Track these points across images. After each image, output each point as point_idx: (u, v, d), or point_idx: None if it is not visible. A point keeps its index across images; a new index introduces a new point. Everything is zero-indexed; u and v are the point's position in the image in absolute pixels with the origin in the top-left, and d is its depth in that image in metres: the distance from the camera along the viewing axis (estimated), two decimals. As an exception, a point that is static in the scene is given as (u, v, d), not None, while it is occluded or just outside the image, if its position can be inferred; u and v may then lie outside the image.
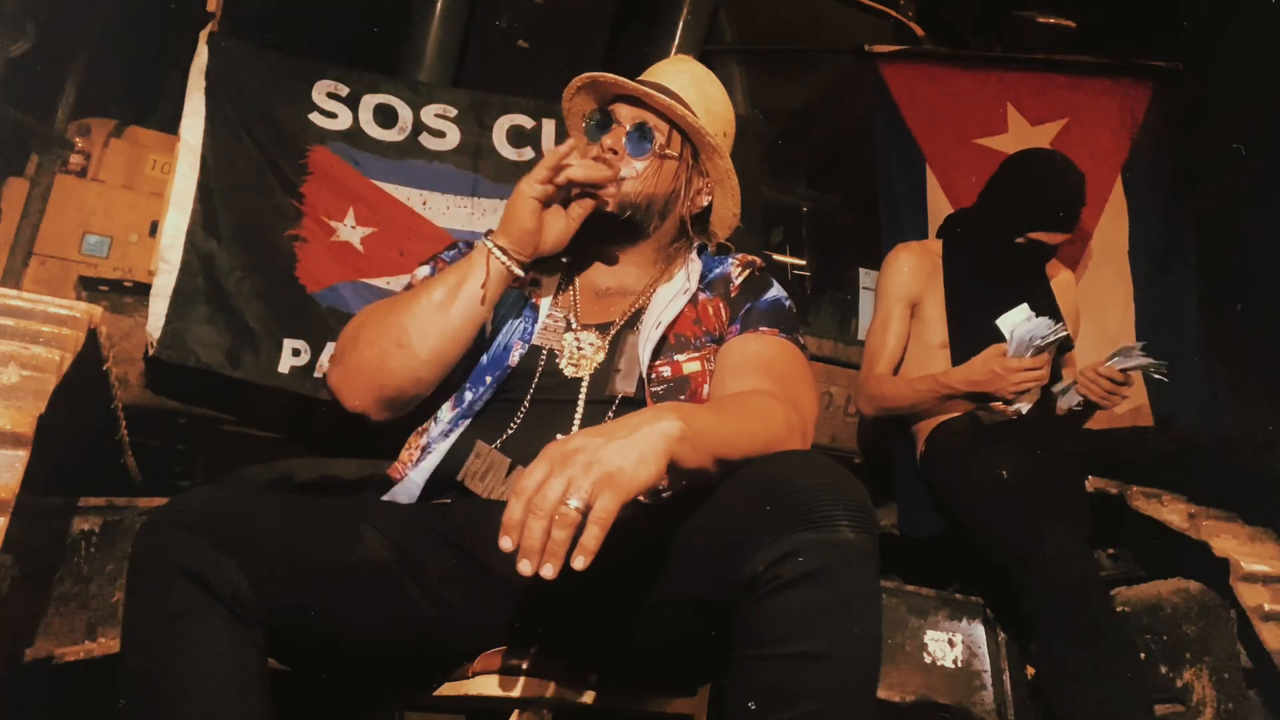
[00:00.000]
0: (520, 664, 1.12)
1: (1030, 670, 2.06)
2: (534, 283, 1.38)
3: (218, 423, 2.32)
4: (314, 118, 2.40)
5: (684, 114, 1.35)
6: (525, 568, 0.83)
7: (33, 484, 1.09)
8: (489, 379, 1.28)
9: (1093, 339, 2.65)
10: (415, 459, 1.26)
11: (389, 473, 1.29)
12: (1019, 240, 2.22)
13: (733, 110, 1.49)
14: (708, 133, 1.37)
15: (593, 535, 0.83)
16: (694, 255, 1.44)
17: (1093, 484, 2.07)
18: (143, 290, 2.17)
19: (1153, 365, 2.04)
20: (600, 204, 1.31)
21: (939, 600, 2.12)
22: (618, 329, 1.33)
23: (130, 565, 0.96)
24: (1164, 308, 2.82)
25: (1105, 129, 2.98)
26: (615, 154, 1.34)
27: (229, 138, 2.30)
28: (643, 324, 1.32)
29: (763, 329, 1.31)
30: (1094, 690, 1.71)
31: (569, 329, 1.34)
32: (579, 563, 0.83)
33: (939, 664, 2.05)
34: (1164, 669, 1.88)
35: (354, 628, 1.06)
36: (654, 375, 1.28)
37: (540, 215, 1.26)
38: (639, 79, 1.41)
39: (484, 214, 2.49)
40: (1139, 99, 3.02)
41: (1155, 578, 2.00)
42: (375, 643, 1.09)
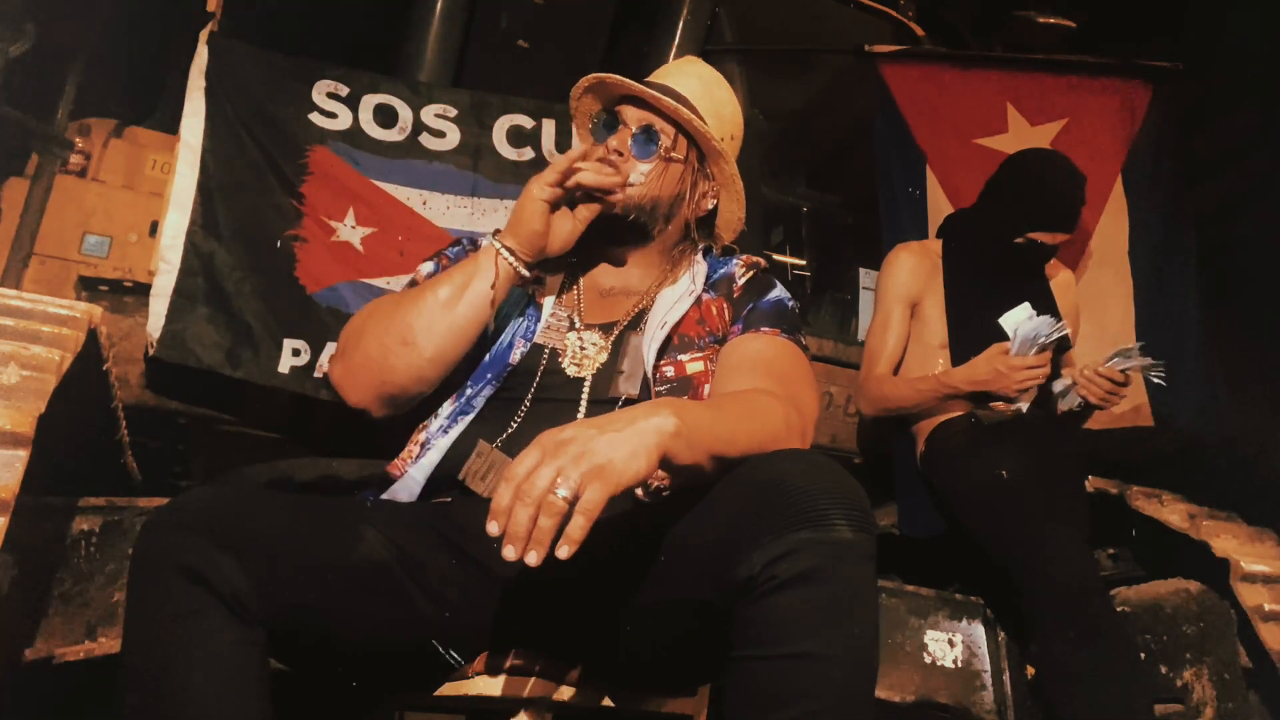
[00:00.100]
0: (520, 664, 1.12)
1: (1030, 670, 2.06)
2: (538, 281, 1.38)
3: (218, 423, 2.32)
4: (314, 118, 2.40)
5: (690, 118, 1.34)
6: (510, 553, 0.83)
7: (33, 484, 1.10)
8: (490, 376, 1.29)
9: (1093, 339, 2.65)
10: (415, 455, 1.26)
11: (389, 470, 1.29)
12: (1019, 240, 2.22)
13: (741, 113, 1.48)
14: (714, 137, 1.36)
15: (578, 525, 0.83)
16: (699, 257, 1.44)
17: (1093, 484, 2.07)
18: (143, 290, 2.17)
19: (1151, 366, 2.04)
20: (607, 208, 1.31)
21: (939, 600, 2.12)
22: (621, 329, 1.33)
23: (131, 565, 0.96)
24: (1164, 308, 2.82)
25: (1105, 129, 2.98)
26: (621, 155, 1.34)
27: (229, 138, 2.30)
28: (647, 324, 1.32)
29: (764, 329, 1.32)
30: (1094, 690, 1.71)
31: (572, 328, 1.34)
32: (563, 552, 0.83)
33: (939, 664, 2.05)
34: (1164, 669, 1.88)
35: (354, 628, 1.06)
36: (658, 375, 1.28)
37: (549, 217, 1.27)
38: (647, 80, 1.41)
39: (484, 214, 2.49)
40: (1139, 99, 3.02)
41: (1155, 578, 2.00)
42: (375, 643, 1.09)
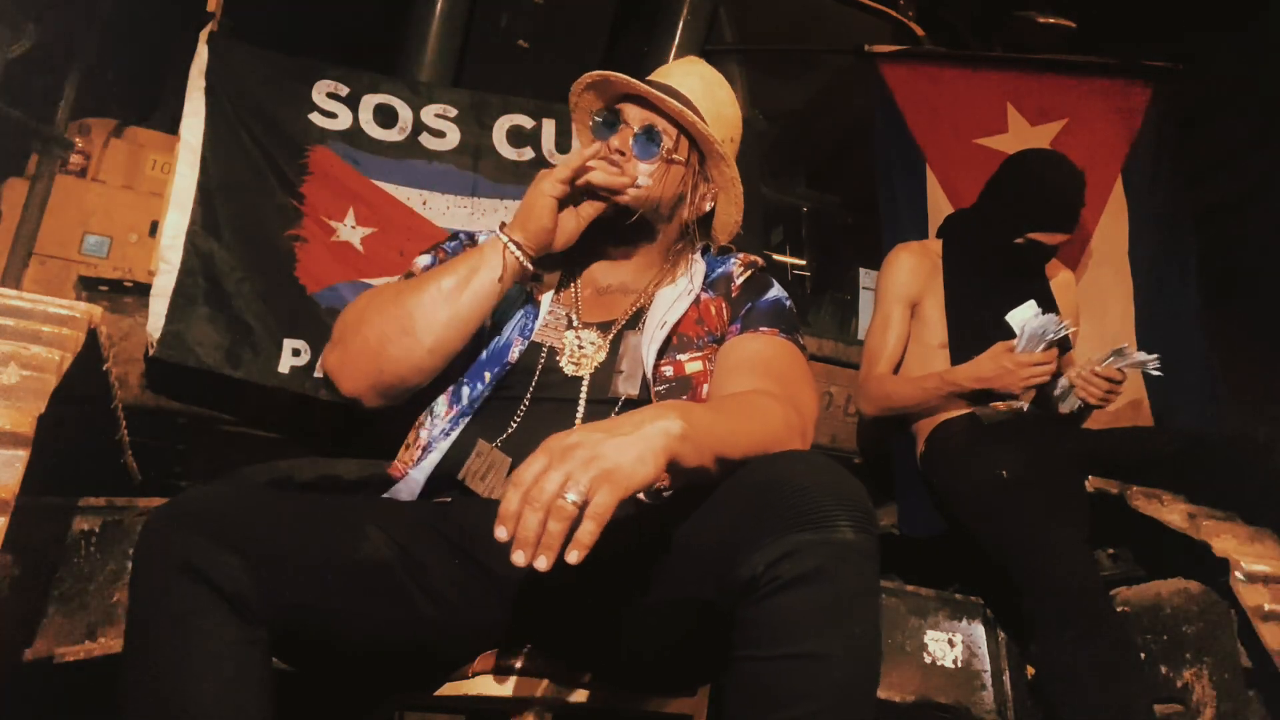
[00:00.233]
0: (520, 664, 1.12)
1: (1030, 670, 2.06)
2: (536, 278, 1.37)
3: (218, 423, 2.32)
4: (314, 118, 2.40)
5: (694, 120, 1.34)
6: (519, 558, 0.83)
7: (33, 484, 1.09)
8: (488, 374, 1.28)
9: (1093, 339, 2.65)
10: (417, 459, 1.26)
11: (390, 472, 1.29)
12: (1019, 240, 2.22)
13: (740, 115, 1.48)
14: (716, 140, 1.36)
15: (588, 530, 0.83)
16: (697, 256, 1.43)
17: (1093, 484, 2.07)
18: (143, 290, 2.17)
19: (1146, 361, 2.04)
20: (610, 206, 1.31)
21: (939, 600, 2.12)
22: (619, 328, 1.33)
23: (133, 563, 0.96)
24: (1164, 308, 2.82)
25: (1105, 129, 2.98)
26: (623, 155, 1.33)
27: (229, 138, 2.29)
28: (646, 324, 1.32)
29: (763, 329, 1.31)
30: (1094, 690, 1.71)
31: (570, 326, 1.34)
32: (573, 556, 0.83)
33: (939, 664, 2.05)
34: (1164, 669, 1.87)
35: (355, 627, 1.06)
36: (657, 375, 1.28)
37: (556, 215, 1.27)
38: (648, 79, 1.41)
39: (484, 214, 2.49)
40: (1139, 99, 3.02)
41: (1155, 578, 1.99)
42: (376, 642, 1.09)
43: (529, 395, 1.26)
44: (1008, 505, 1.97)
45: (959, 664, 2.07)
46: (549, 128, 2.60)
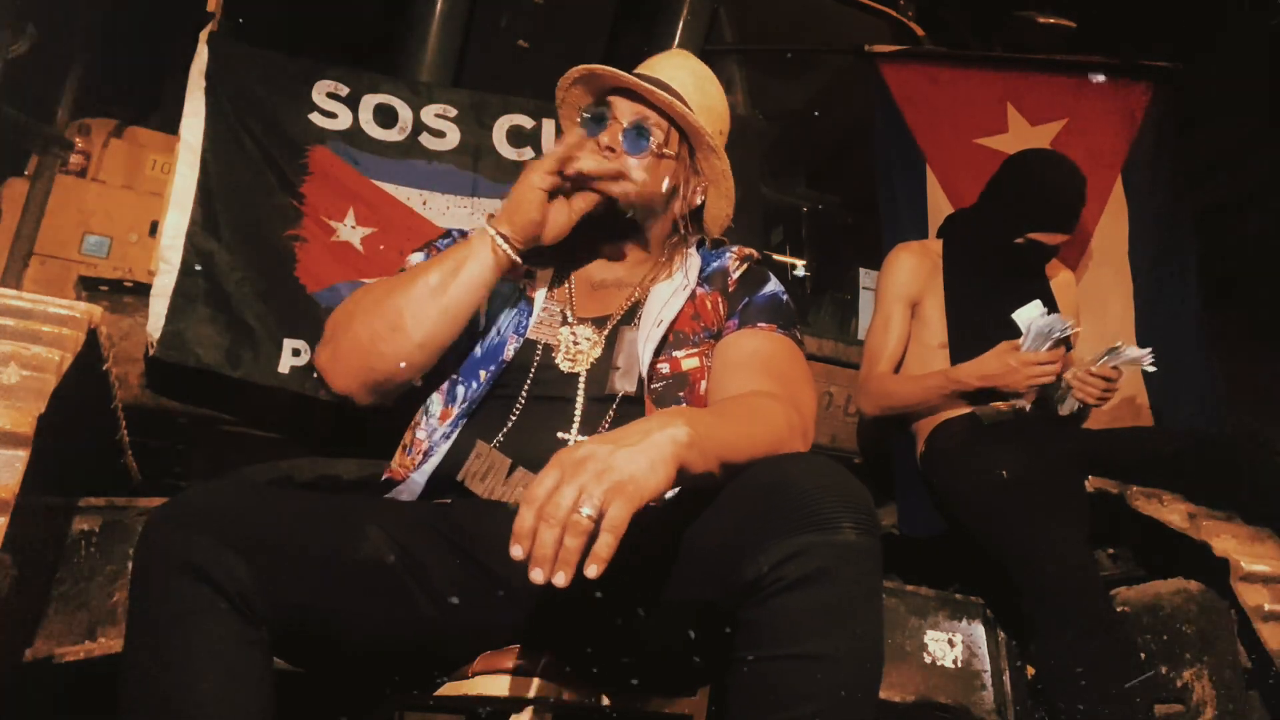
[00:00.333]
0: (520, 664, 1.11)
1: (1030, 670, 2.06)
2: (529, 274, 1.37)
3: (218, 423, 2.32)
4: (314, 118, 2.40)
5: (685, 113, 1.33)
6: (538, 576, 0.83)
7: (33, 484, 1.09)
8: (484, 374, 1.28)
9: (1093, 339, 2.64)
10: (418, 463, 1.25)
11: (390, 475, 1.28)
12: (1019, 241, 2.22)
13: (729, 108, 1.47)
14: (706, 133, 1.35)
15: (606, 544, 0.83)
16: (692, 250, 1.42)
17: (1093, 484, 2.07)
18: (143, 290, 2.17)
19: (1142, 357, 2.04)
20: (603, 198, 1.29)
21: (939, 600, 2.12)
22: (614, 323, 1.33)
23: (134, 563, 0.96)
24: (1164, 308, 2.82)
25: (1105, 129, 2.98)
26: (613, 151, 1.32)
27: (229, 138, 2.29)
28: (641, 320, 1.31)
29: (760, 325, 1.31)
30: (1094, 690, 1.71)
31: (565, 322, 1.33)
32: (592, 571, 0.83)
33: (939, 664, 2.05)
34: (1164, 669, 1.87)
35: (355, 627, 1.06)
36: (653, 373, 1.27)
37: (546, 206, 1.25)
38: (636, 72, 1.40)
39: (484, 214, 2.48)
40: (1139, 99, 3.02)
41: (1155, 578, 1.99)
42: (376, 642, 1.09)
43: (524, 393, 1.26)
44: (1008, 505, 1.97)
45: (959, 664, 2.07)
46: (549, 128, 2.60)
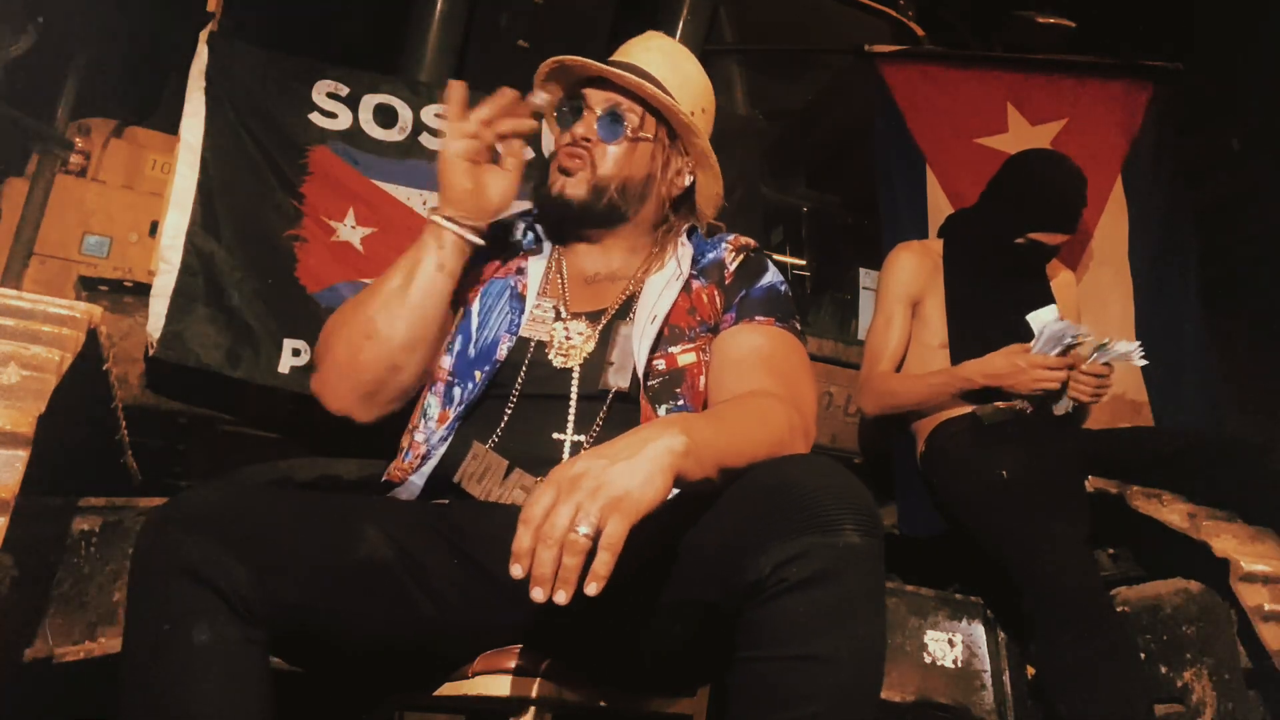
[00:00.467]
0: (520, 664, 1.11)
1: (1030, 670, 2.06)
2: (519, 272, 1.36)
3: (218, 423, 2.32)
4: (314, 118, 2.40)
5: (655, 93, 1.32)
6: (538, 595, 0.83)
7: (33, 484, 1.09)
8: (479, 374, 1.27)
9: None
10: (416, 465, 1.25)
11: (389, 478, 1.28)
12: (1019, 241, 2.22)
13: (710, 84, 1.45)
14: (681, 111, 1.34)
15: (604, 561, 0.83)
16: (684, 239, 1.41)
17: (1093, 484, 2.07)
18: (143, 290, 2.17)
19: (1132, 351, 2.04)
20: (590, 194, 1.30)
21: (939, 600, 2.12)
22: (609, 318, 1.31)
23: (132, 564, 0.96)
24: (1164, 307, 2.82)
25: (1105, 129, 2.98)
26: (589, 141, 1.32)
27: (229, 138, 2.29)
28: (636, 315, 1.30)
29: (759, 318, 1.30)
30: (1094, 690, 1.71)
31: (558, 318, 1.31)
32: (592, 589, 0.83)
33: (939, 664, 2.05)
34: (1164, 669, 1.87)
35: (355, 627, 1.06)
36: (649, 370, 1.26)
37: (475, 174, 1.26)
38: (609, 59, 1.38)
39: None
40: (1139, 99, 3.01)
41: (1155, 578, 1.99)
42: (376, 642, 1.09)
43: (516, 391, 1.25)
44: (1008, 505, 1.97)
45: (959, 664, 2.07)
46: (546, 127, 2.59)
